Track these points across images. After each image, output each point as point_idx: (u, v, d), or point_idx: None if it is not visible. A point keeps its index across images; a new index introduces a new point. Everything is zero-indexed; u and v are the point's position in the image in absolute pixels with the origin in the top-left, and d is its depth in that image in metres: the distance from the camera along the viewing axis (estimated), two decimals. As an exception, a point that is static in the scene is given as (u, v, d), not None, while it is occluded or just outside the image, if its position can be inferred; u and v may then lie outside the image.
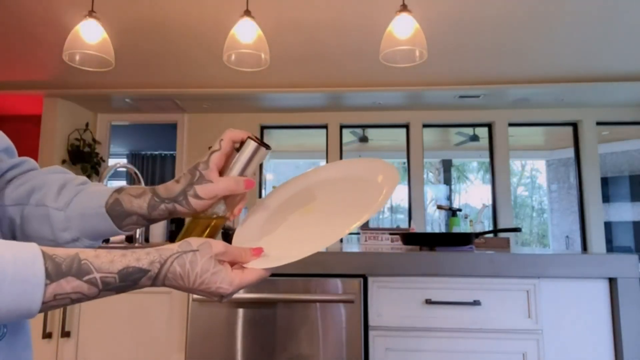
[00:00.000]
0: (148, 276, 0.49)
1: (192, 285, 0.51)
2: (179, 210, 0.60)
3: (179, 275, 0.50)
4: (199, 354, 1.20)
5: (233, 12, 2.44)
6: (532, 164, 8.69)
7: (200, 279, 0.51)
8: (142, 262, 0.49)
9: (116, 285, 0.47)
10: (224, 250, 0.53)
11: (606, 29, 3.48)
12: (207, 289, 0.52)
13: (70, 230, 0.59)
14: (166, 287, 0.51)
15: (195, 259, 0.51)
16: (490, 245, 1.75)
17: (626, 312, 1.13)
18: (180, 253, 0.51)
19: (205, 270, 0.51)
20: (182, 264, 0.50)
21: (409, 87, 4.56)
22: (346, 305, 1.19)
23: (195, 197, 0.59)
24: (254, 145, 0.60)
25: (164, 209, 0.60)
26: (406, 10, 2.11)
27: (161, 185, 0.61)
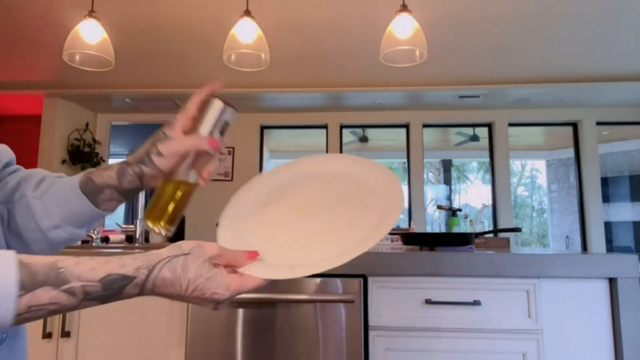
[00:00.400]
0: (134, 284, 0.45)
1: (184, 293, 0.47)
2: (146, 173, 0.57)
3: (170, 282, 0.46)
4: (199, 354, 1.20)
5: (233, 12, 2.44)
6: (532, 164, 8.68)
7: (193, 285, 0.47)
8: (126, 269, 0.45)
9: (99, 295, 0.44)
10: (218, 253, 0.50)
11: (606, 29, 3.48)
12: (201, 296, 0.48)
13: (50, 217, 0.57)
14: (156, 295, 0.47)
15: (186, 263, 0.47)
16: (490, 245, 1.75)
17: (626, 312, 1.13)
18: (170, 258, 0.47)
19: (198, 275, 0.47)
20: (172, 270, 0.47)
21: (409, 87, 4.56)
22: (346, 305, 1.19)
23: (159, 156, 0.56)
24: (218, 103, 0.59)
25: (132, 173, 0.57)
26: (406, 10, 2.11)
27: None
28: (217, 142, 0.59)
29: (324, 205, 0.63)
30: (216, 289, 0.48)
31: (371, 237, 0.55)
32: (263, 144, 5.55)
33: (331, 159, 0.71)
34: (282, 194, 0.66)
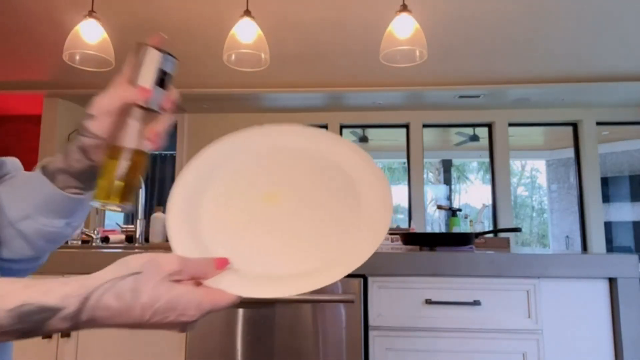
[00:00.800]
0: (61, 317, 0.36)
1: (139, 320, 0.38)
2: (86, 144, 0.50)
3: (117, 312, 0.37)
4: (199, 354, 1.20)
5: (233, 12, 2.44)
6: (532, 164, 8.69)
7: (151, 310, 0.38)
8: (49, 297, 0.36)
9: (11, 329, 0.35)
10: (178, 268, 0.40)
11: (606, 29, 3.48)
12: (164, 320, 0.39)
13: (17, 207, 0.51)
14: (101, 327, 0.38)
15: (138, 285, 0.38)
16: (490, 245, 1.75)
17: (626, 312, 1.13)
18: (113, 281, 0.37)
19: (156, 299, 0.38)
20: (119, 296, 0.37)
21: (409, 87, 4.56)
22: (346, 305, 1.19)
23: (89, 118, 0.49)
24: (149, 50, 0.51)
25: (74, 149, 0.50)
26: (406, 10, 2.11)
27: None
28: (150, 91, 0.49)
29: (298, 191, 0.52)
30: (184, 310, 0.39)
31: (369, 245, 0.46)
32: (263, 144, 5.55)
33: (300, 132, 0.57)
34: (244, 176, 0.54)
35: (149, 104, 0.50)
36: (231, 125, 5.18)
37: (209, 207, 0.51)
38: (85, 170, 0.52)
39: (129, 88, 0.49)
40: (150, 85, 0.50)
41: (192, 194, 0.53)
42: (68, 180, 0.51)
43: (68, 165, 0.51)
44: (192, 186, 0.53)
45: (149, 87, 0.50)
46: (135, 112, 0.50)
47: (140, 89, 0.49)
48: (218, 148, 0.56)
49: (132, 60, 0.51)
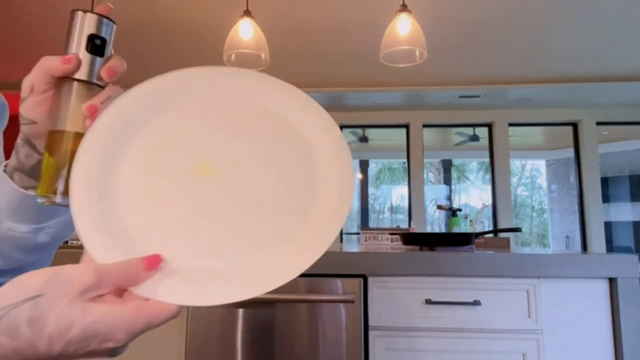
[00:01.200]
0: None
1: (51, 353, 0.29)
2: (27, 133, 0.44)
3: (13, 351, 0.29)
4: (199, 354, 1.20)
5: (233, 12, 2.44)
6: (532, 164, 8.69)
7: (62, 342, 0.29)
8: None
9: None
10: (95, 280, 0.31)
11: (606, 29, 3.48)
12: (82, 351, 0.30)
13: None
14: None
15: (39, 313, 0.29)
16: (490, 245, 1.75)
17: (626, 312, 1.13)
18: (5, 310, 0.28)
19: (67, 327, 0.29)
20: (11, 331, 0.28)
21: (409, 87, 4.56)
22: (346, 305, 1.19)
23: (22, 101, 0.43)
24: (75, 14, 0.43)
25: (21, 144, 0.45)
26: (406, 10, 2.11)
27: None
28: (73, 58, 0.41)
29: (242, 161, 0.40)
30: (109, 335, 0.30)
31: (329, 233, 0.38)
32: (263, 144, 5.55)
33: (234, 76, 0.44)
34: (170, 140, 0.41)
35: (80, 74, 0.42)
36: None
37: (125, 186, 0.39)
38: (31, 163, 0.45)
39: (51, 58, 0.41)
40: (79, 53, 0.42)
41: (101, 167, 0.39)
42: (24, 180, 0.45)
43: (20, 162, 0.45)
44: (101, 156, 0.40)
45: (78, 54, 0.42)
46: (70, 87, 0.42)
47: (63, 57, 0.41)
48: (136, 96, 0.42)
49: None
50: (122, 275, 0.32)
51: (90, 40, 0.42)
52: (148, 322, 0.31)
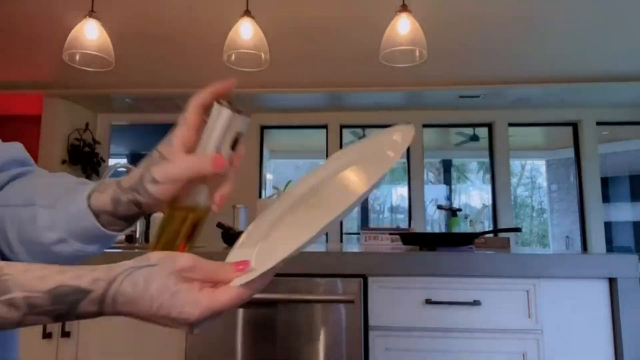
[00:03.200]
0: (90, 299, 0.38)
1: (149, 310, 0.39)
2: (141, 202, 0.48)
3: (131, 298, 0.38)
4: (198, 354, 1.20)
5: (233, 12, 2.44)
6: (532, 164, 8.69)
7: (157, 302, 0.38)
8: (82, 280, 0.38)
9: (47, 309, 0.37)
10: (191, 265, 0.40)
11: (606, 29, 3.48)
12: (168, 316, 0.39)
13: (55, 230, 0.49)
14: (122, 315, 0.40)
15: (150, 276, 0.39)
16: (490, 245, 1.75)
17: (626, 312, 1.13)
18: (132, 269, 0.39)
19: (162, 290, 0.39)
20: (133, 283, 0.38)
21: (409, 87, 4.56)
22: (346, 305, 1.19)
23: (153, 183, 0.46)
24: (225, 111, 0.46)
25: (126, 201, 0.48)
26: (406, 10, 2.11)
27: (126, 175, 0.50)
28: (224, 160, 0.46)
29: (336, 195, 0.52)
30: (182, 307, 0.39)
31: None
32: (263, 144, 5.55)
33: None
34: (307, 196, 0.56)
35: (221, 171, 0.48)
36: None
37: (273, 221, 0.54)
38: (132, 216, 0.50)
39: (203, 160, 0.46)
40: (225, 154, 0.47)
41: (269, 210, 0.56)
42: (111, 221, 0.50)
43: (115, 210, 0.49)
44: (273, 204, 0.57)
45: (225, 155, 0.47)
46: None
47: (215, 159, 0.46)
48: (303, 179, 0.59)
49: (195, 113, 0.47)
50: (213, 269, 0.41)
51: (235, 139, 0.47)
52: (212, 300, 0.40)
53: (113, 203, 0.48)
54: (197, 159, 0.46)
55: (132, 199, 0.48)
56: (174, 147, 0.47)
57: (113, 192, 0.49)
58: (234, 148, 0.48)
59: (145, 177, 0.47)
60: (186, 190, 0.47)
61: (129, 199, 0.48)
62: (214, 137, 0.46)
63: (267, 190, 5.83)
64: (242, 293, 0.41)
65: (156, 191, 0.46)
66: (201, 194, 0.48)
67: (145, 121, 5.62)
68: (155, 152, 0.48)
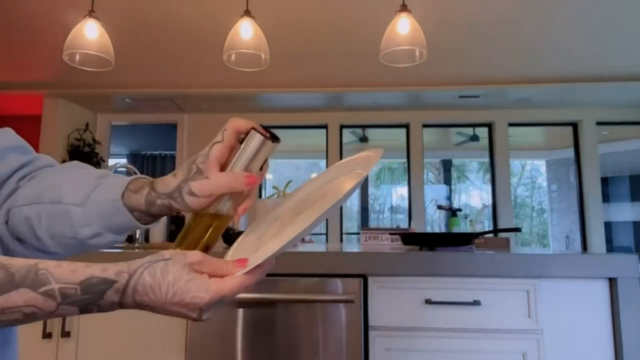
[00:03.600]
0: (115, 288, 0.44)
1: (164, 298, 0.45)
2: (175, 207, 0.55)
3: (150, 287, 0.45)
4: (198, 354, 1.20)
5: (233, 12, 2.44)
6: (532, 164, 8.68)
7: (173, 289, 0.45)
8: (108, 272, 0.44)
9: (78, 298, 0.43)
10: (200, 259, 0.47)
11: (606, 29, 3.48)
12: (182, 301, 0.45)
13: (90, 226, 0.55)
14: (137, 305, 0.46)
15: (167, 267, 0.46)
16: (490, 245, 1.75)
17: (626, 312, 1.13)
18: (150, 262, 0.46)
19: (178, 279, 0.45)
20: (152, 274, 0.45)
21: (409, 87, 4.56)
22: (346, 305, 1.19)
23: (190, 195, 0.53)
24: (259, 137, 0.54)
25: (160, 205, 0.55)
26: (406, 10, 2.11)
27: (160, 179, 0.56)
28: (255, 179, 0.54)
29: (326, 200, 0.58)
30: (196, 292, 0.45)
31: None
32: (263, 144, 5.55)
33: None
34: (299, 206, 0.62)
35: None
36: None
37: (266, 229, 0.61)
38: (161, 215, 0.57)
39: (238, 179, 0.53)
40: (255, 173, 0.55)
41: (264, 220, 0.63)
42: (142, 217, 0.56)
43: (148, 210, 0.56)
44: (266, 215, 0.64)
45: (255, 174, 0.55)
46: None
47: (249, 178, 0.54)
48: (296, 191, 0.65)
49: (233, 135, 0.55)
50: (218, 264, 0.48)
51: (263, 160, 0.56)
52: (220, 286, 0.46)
53: (147, 204, 0.55)
54: (233, 177, 0.53)
55: (167, 204, 0.55)
56: (210, 163, 0.53)
57: (147, 194, 0.55)
58: (261, 169, 0.56)
59: (183, 189, 0.53)
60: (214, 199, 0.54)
61: (163, 204, 0.55)
62: (246, 157, 0.54)
63: (267, 190, 5.83)
64: (245, 280, 0.48)
65: (193, 202, 0.53)
66: (226, 203, 0.55)
67: (145, 121, 5.62)
68: (193, 166, 0.54)
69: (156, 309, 0.46)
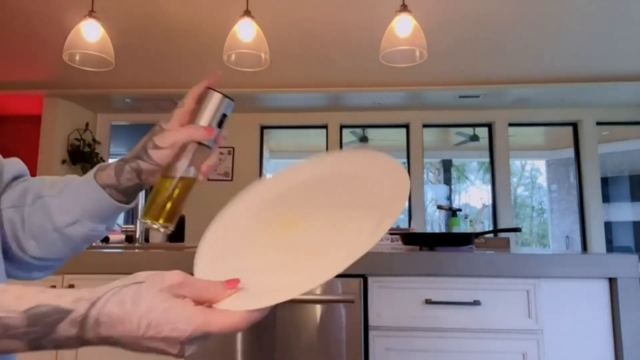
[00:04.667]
0: (71, 319, 0.36)
1: (137, 332, 0.37)
2: (143, 168, 0.55)
3: (118, 319, 0.36)
4: (199, 354, 1.20)
5: (233, 12, 2.44)
6: (532, 164, 8.68)
7: (146, 321, 0.36)
8: (63, 300, 0.36)
9: (23, 331, 0.35)
10: (180, 281, 0.39)
11: (606, 29, 3.48)
12: (158, 335, 0.37)
13: (68, 213, 0.55)
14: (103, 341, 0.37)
15: (139, 293, 0.37)
16: (490, 245, 1.75)
17: (626, 312, 1.13)
18: (119, 288, 0.38)
19: (152, 307, 0.37)
20: (120, 302, 0.37)
21: (409, 87, 4.56)
22: (346, 305, 1.19)
23: (155, 148, 0.54)
24: (215, 95, 0.58)
25: (129, 170, 0.55)
26: (406, 10, 2.11)
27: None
28: (214, 131, 0.57)
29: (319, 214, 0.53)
30: (175, 322, 0.37)
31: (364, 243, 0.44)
32: (263, 144, 5.56)
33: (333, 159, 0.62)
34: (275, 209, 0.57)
35: (209, 142, 0.58)
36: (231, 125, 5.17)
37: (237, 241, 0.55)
38: (133, 188, 0.57)
39: (197, 128, 0.56)
40: (214, 127, 0.58)
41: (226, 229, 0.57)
42: (114, 194, 0.56)
43: (118, 181, 0.55)
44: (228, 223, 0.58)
45: (214, 128, 0.58)
46: (194, 146, 0.57)
47: (207, 129, 0.56)
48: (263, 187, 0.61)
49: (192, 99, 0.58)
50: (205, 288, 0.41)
51: (221, 117, 0.58)
52: (208, 319, 0.38)
53: (116, 173, 0.55)
54: (193, 128, 0.56)
55: (135, 167, 0.55)
56: (172, 122, 0.56)
57: (116, 164, 0.56)
58: (220, 126, 0.59)
59: (148, 145, 0.55)
60: (178, 162, 0.57)
61: (132, 167, 0.55)
62: (205, 115, 0.57)
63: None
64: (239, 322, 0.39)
65: (157, 155, 0.55)
66: (190, 166, 0.57)
67: (145, 121, 5.61)
68: (156, 126, 0.57)
69: (127, 346, 0.38)
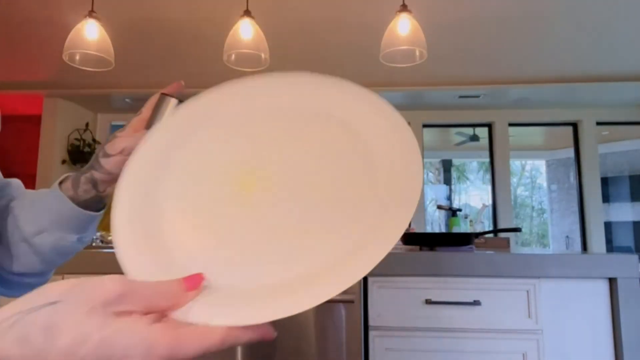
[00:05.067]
0: None
1: None
2: (97, 178, 0.53)
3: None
4: (199, 354, 1.20)
5: (233, 12, 2.44)
6: (532, 164, 8.69)
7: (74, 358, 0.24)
8: None
9: None
10: (120, 291, 0.26)
11: (606, 29, 3.48)
12: None
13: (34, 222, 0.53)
14: None
15: (54, 321, 0.24)
16: (490, 245, 1.75)
17: (626, 312, 1.13)
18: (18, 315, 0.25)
19: (81, 340, 0.24)
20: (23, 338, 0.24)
21: (409, 87, 4.56)
22: (346, 305, 1.18)
23: (105, 156, 0.52)
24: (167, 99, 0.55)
25: (85, 181, 0.53)
26: (406, 10, 2.11)
27: None
28: None
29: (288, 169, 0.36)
30: (126, 351, 0.25)
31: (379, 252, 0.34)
32: (263, 144, 5.55)
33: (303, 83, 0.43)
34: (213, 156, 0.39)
35: None
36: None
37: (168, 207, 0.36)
38: (92, 200, 0.55)
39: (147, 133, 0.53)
40: None
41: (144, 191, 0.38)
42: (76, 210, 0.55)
43: (76, 194, 0.54)
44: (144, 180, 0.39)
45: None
46: None
47: None
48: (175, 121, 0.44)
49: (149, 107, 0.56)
50: (157, 295, 0.28)
51: None
52: (173, 346, 0.26)
53: (73, 185, 0.54)
54: (143, 133, 0.50)
55: (89, 177, 0.53)
56: (125, 130, 0.54)
57: (73, 176, 0.55)
58: None
59: (99, 153, 0.53)
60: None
61: (86, 178, 0.53)
62: (156, 119, 0.54)
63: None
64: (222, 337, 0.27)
65: (107, 163, 0.52)
66: None
67: (145, 121, 5.61)
68: (110, 136, 0.55)
69: None
